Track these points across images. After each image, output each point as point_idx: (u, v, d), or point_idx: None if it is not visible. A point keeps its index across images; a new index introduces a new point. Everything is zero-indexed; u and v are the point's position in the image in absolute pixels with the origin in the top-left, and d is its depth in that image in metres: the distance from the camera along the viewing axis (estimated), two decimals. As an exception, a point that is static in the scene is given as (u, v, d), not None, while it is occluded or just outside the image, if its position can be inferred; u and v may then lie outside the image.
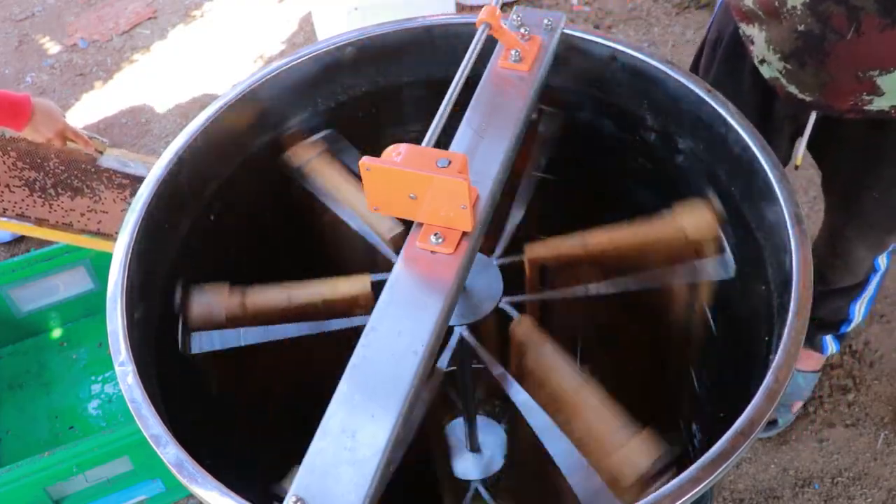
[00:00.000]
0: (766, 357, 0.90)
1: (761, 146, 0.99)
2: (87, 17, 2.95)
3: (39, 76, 2.75)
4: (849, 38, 1.12)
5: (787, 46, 1.19)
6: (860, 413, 1.85)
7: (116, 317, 0.90)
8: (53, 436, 1.89)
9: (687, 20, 2.71)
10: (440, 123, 0.85)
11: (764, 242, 0.99)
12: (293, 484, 0.69)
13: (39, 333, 2.05)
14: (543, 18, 1.04)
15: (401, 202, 0.82)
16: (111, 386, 1.97)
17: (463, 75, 0.90)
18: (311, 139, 1.16)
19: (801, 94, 1.23)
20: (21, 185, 1.75)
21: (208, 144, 1.07)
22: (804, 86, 1.21)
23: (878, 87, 1.17)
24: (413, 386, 0.75)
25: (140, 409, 0.83)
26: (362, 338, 0.78)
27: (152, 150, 2.40)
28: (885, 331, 1.97)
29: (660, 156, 1.14)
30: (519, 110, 0.96)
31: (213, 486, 0.77)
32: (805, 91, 1.22)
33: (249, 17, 2.92)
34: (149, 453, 1.16)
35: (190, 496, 1.80)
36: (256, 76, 1.11)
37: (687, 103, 1.06)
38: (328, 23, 2.46)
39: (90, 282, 1.98)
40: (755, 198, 1.01)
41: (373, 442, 0.71)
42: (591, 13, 2.77)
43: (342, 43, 1.14)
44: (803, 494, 1.75)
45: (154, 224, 1.00)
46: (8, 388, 1.97)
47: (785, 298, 0.89)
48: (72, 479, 1.66)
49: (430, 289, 0.81)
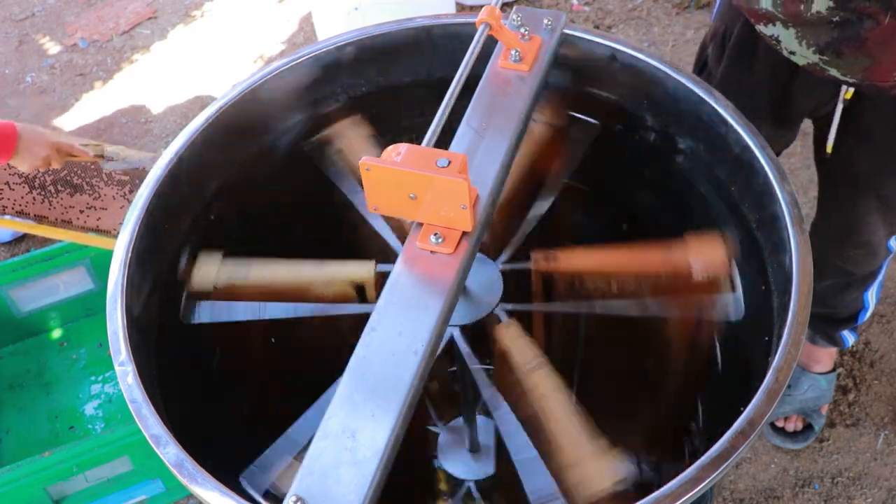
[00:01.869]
0: (766, 357, 0.90)
1: (761, 146, 0.99)
2: (87, 17, 2.94)
3: (39, 76, 2.75)
4: (886, 22, 1.11)
5: (822, 39, 1.17)
6: (860, 413, 1.85)
7: (116, 317, 0.90)
8: (53, 436, 1.89)
9: (687, 20, 2.71)
10: (440, 123, 0.85)
11: (764, 242, 0.99)
12: (293, 484, 0.70)
13: (39, 333, 2.05)
14: (543, 18, 1.04)
15: (401, 202, 0.82)
16: (111, 386, 1.96)
17: (463, 75, 0.90)
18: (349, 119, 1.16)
19: (842, 77, 1.21)
20: (21, 183, 1.76)
21: (208, 144, 1.07)
22: (845, 69, 1.20)
23: None
24: (413, 386, 0.75)
25: (140, 409, 0.83)
26: (362, 338, 0.78)
27: (152, 150, 2.40)
28: (885, 331, 1.97)
29: (686, 178, 1.14)
30: (519, 110, 0.96)
31: (214, 486, 0.77)
32: (847, 74, 1.21)
33: (249, 17, 2.92)
34: (149, 453, 1.16)
35: (190, 496, 1.80)
36: (256, 76, 1.11)
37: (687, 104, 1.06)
38: (328, 23, 2.46)
39: (90, 282, 1.98)
40: (755, 198, 1.01)
41: (373, 442, 0.71)
42: (591, 13, 2.77)
43: (342, 43, 1.14)
44: (803, 494, 1.75)
45: (154, 224, 1.00)
46: (8, 388, 1.97)
47: (785, 298, 0.89)
48: (72, 479, 1.66)
49: (430, 289, 0.81)
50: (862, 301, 1.64)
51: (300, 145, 1.17)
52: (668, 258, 0.99)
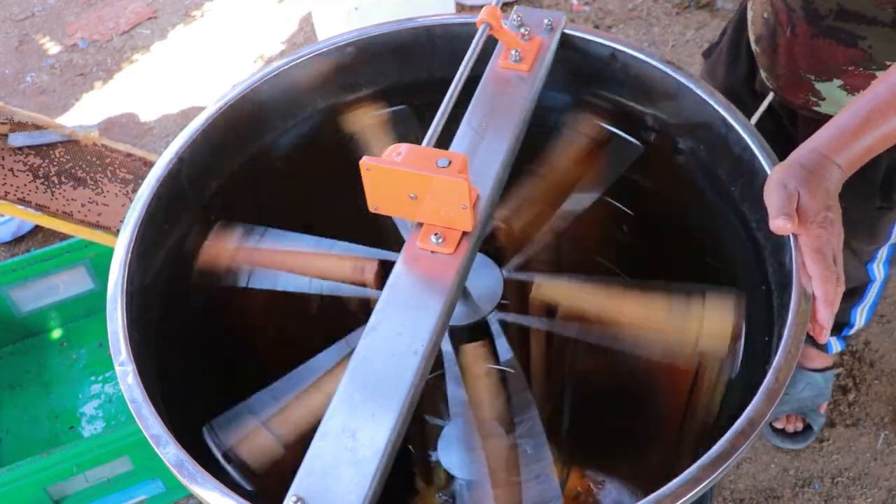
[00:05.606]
0: (766, 357, 0.90)
1: (761, 146, 0.99)
2: (87, 17, 2.95)
3: (39, 76, 2.75)
4: (788, 35, 1.12)
5: (756, 30, 1.20)
6: (860, 413, 1.85)
7: (116, 317, 0.90)
8: (53, 436, 1.89)
9: (687, 20, 2.71)
10: (440, 123, 0.85)
11: (764, 242, 0.99)
12: (293, 484, 0.70)
13: (39, 333, 2.05)
14: (543, 18, 1.04)
15: (401, 202, 0.82)
16: (111, 386, 1.96)
17: (463, 75, 0.90)
18: (376, 111, 1.14)
19: (767, 81, 1.23)
20: (25, 171, 1.76)
21: (208, 144, 1.07)
22: (768, 72, 1.21)
23: (819, 92, 1.17)
24: (413, 386, 0.75)
25: (140, 409, 0.83)
26: (362, 338, 0.78)
27: (152, 150, 2.40)
28: (885, 331, 1.97)
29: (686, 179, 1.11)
30: (519, 110, 0.96)
31: (214, 486, 0.77)
32: (769, 78, 1.22)
33: (249, 17, 2.92)
34: (149, 453, 1.16)
35: (190, 496, 1.80)
36: (257, 76, 1.11)
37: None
38: (328, 23, 2.46)
39: (90, 282, 1.98)
40: (756, 198, 1.00)
41: (373, 442, 0.71)
42: (591, 13, 2.77)
43: (342, 43, 1.14)
44: (803, 494, 1.75)
45: (154, 224, 1.00)
46: (8, 388, 1.97)
47: (785, 298, 0.89)
48: (72, 479, 1.66)
49: (431, 289, 0.81)
50: (848, 316, 1.61)
51: (300, 144, 1.17)
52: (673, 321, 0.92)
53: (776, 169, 0.90)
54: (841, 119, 0.89)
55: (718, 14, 2.71)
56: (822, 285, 0.85)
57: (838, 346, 1.74)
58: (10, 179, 1.74)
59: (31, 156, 1.77)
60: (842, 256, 0.87)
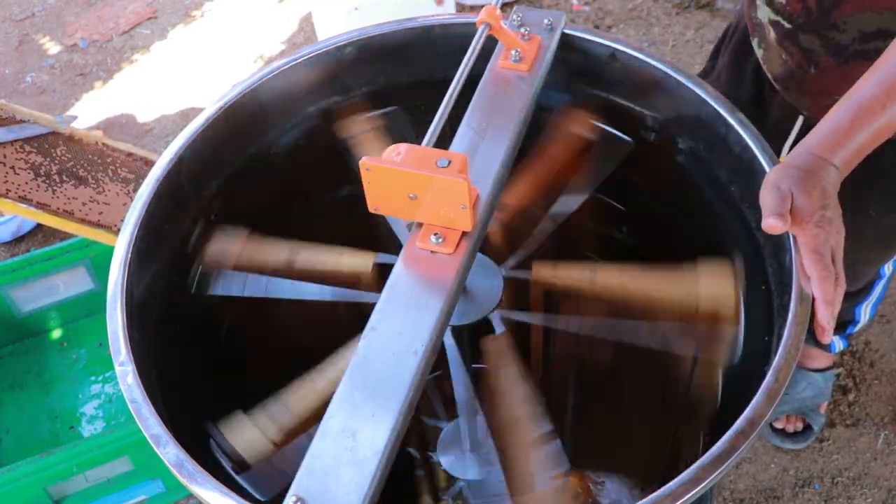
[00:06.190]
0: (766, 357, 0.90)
1: (761, 146, 0.99)
2: (87, 17, 2.95)
3: (39, 76, 2.75)
4: (813, 72, 1.13)
5: (774, 69, 1.22)
6: (860, 413, 1.85)
7: (116, 317, 0.90)
8: (53, 436, 1.89)
9: (687, 20, 2.71)
10: (440, 123, 0.85)
11: (764, 242, 0.99)
12: (293, 484, 0.69)
13: (39, 333, 2.05)
14: (543, 18, 1.04)
15: (401, 202, 0.81)
16: (111, 386, 1.97)
17: (463, 75, 0.90)
18: (369, 114, 1.14)
19: (795, 104, 1.23)
20: (26, 168, 1.76)
21: (208, 144, 1.07)
22: (797, 102, 1.23)
23: None
24: (413, 386, 0.75)
25: (140, 409, 0.83)
26: (362, 338, 0.78)
27: (152, 150, 2.40)
28: (885, 331, 1.97)
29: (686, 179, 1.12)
30: (519, 110, 0.96)
31: (214, 487, 0.77)
32: (798, 106, 1.23)
33: (249, 17, 2.92)
34: (149, 453, 1.16)
35: (190, 496, 1.80)
36: (256, 76, 1.11)
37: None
38: (328, 23, 2.46)
39: (90, 282, 1.98)
40: (755, 198, 1.00)
41: (373, 442, 0.71)
42: (591, 13, 2.77)
43: (342, 43, 1.14)
44: (803, 494, 1.75)
45: (154, 224, 1.00)
46: (8, 388, 1.97)
47: (785, 298, 0.89)
48: (72, 479, 1.66)
49: (431, 289, 0.81)
50: (852, 314, 1.62)
51: (300, 145, 1.17)
52: (674, 285, 0.95)
53: (771, 171, 0.90)
54: (832, 119, 0.89)
55: (718, 14, 2.71)
56: (820, 285, 0.85)
57: (841, 344, 1.74)
58: (11, 177, 1.74)
59: (33, 154, 1.77)
60: (842, 256, 0.87)
